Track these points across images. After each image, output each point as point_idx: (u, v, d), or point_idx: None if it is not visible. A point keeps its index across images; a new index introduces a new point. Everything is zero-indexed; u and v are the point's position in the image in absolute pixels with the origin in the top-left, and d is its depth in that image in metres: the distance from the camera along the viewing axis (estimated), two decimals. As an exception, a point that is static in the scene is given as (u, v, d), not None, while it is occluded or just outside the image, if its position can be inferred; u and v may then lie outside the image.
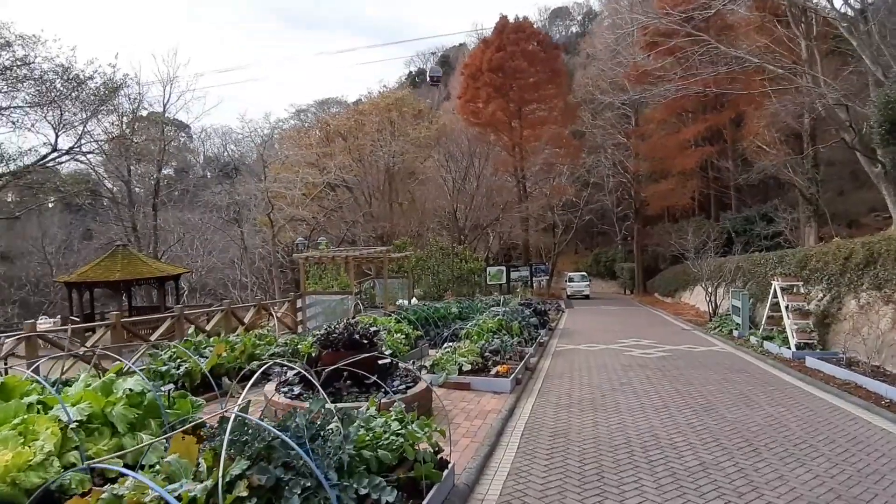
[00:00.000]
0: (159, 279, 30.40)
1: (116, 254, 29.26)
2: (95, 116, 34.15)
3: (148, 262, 30.44)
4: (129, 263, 29.06)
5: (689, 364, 11.89)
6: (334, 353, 7.44)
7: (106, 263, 28.88)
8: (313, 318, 15.55)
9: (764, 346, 13.45)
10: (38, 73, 29.71)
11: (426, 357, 11.50)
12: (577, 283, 41.55)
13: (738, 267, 20.36)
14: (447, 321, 15.35)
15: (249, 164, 45.37)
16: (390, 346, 10.74)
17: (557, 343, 15.58)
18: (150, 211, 38.06)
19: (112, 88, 32.96)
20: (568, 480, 5.48)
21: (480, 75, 37.93)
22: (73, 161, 36.15)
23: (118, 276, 28.03)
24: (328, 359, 7.45)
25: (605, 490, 5.24)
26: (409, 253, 21.27)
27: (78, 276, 28.78)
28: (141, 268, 29.16)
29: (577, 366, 11.85)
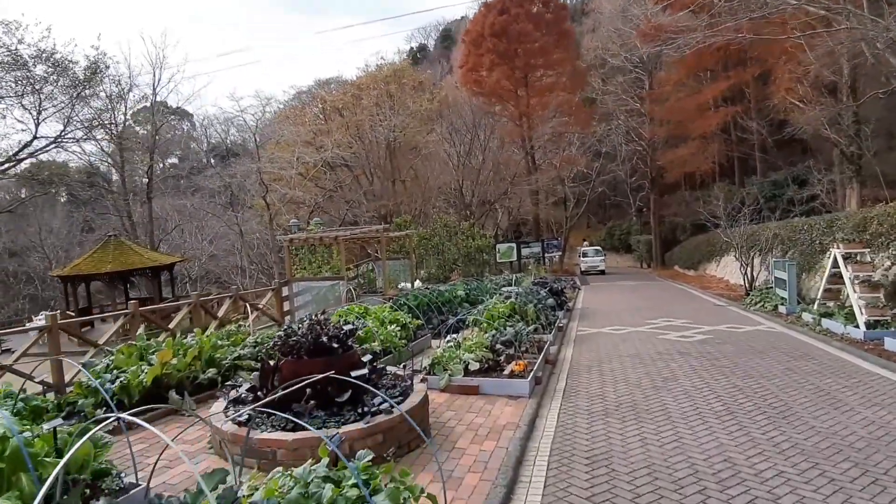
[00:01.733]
0: (153, 269, 29.03)
1: (108, 245, 27.94)
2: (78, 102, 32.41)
3: (140, 253, 29.02)
4: (121, 254, 27.73)
5: (739, 349, 10.02)
6: (295, 361, 5.65)
7: (98, 255, 27.62)
8: (303, 307, 13.83)
9: (822, 324, 11.53)
10: (18, 59, 27.95)
11: (428, 351, 9.74)
12: (592, 258, 39.62)
13: (776, 235, 18.35)
14: (453, 306, 13.55)
15: (251, 149, 43.59)
16: (383, 341, 8.97)
17: (578, 326, 13.74)
18: (146, 200, 36.47)
19: (93, 71, 31.11)
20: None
21: (483, 41, 35.61)
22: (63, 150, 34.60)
23: (109, 267, 26.78)
24: (288, 369, 5.67)
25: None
26: (411, 231, 19.42)
27: (70, 269, 27.57)
28: (133, 258, 27.79)
29: (604, 355, 10.01)
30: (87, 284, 29.08)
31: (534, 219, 41.65)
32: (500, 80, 36.07)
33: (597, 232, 56.58)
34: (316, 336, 5.60)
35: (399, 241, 19.65)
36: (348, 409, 5.29)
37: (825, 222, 15.53)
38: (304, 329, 5.79)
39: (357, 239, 15.96)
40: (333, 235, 13.72)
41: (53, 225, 46.50)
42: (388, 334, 9.12)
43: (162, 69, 41.64)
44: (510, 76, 36.24)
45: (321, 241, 13.80)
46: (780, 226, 18.52)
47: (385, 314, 10.10)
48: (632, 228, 51.13)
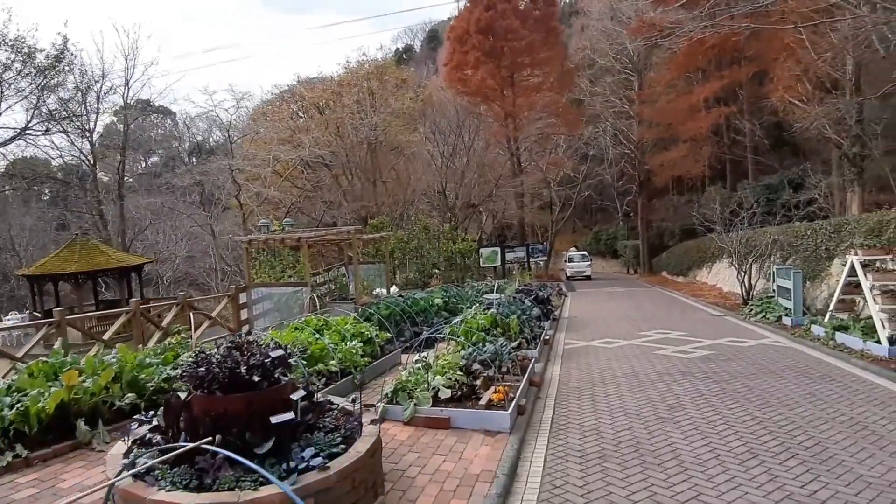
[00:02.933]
0: (120, 270, 27.58)
1: (75, 244, 26.62)
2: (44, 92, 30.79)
3: (108, 253, 27.56)
4: (88, 254, 26.35)
5: (748, 368, 8.87)
6: (206, 397, 4.35)
7: (64, 255, 26.25)
8: (263, 315, 12.51)
9: (836, 338, 10.43)
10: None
11: (397, 370, 8.47)
12: (578, 263, 38.59)
13: (775, 240, 17.31)
14: (429, 316, 12.29)
15: (231, 146, 41.93)
16: (342, 360, 7.69)
17: (566, 339, 12.54)
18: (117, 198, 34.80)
19: (56, 58, 29.51)
20: None
21: (468, 38, 34.41)
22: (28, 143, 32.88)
23: (75, 267, 25.44)
24: (199, 407, 4.38)
25: None
26: (387, 234, 18.12)
27: (36, 268, 26.21)
28: (99, 258, 26.39)
29: (597, 374, 8.81)
30: (54, 285, 27.60)
31: (519, 223, 40.50)
32: (485, 79, 34.87)
33: (583, 237, 55.66)
34: (233, 365, 4.31)
35: (375, 244, 18.37)
36: (271, 463, 4.02)
37: (832, 227, 14.50)
38: (220, 355, 4.51)
39: (327, 241, 14.69)
40: (296, 237, 12.40)
41: (27, 223, 44.70)
42: (347, 352, 7.84)
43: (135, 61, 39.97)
44: (496, 74, 35.07)
45: (283, 243, 12.49)
46: (780, 231, 17.49)
47: (347, 327, 8.81)
48: (619, 233, 50.25)
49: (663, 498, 4.41)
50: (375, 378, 8.44)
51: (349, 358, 7.83)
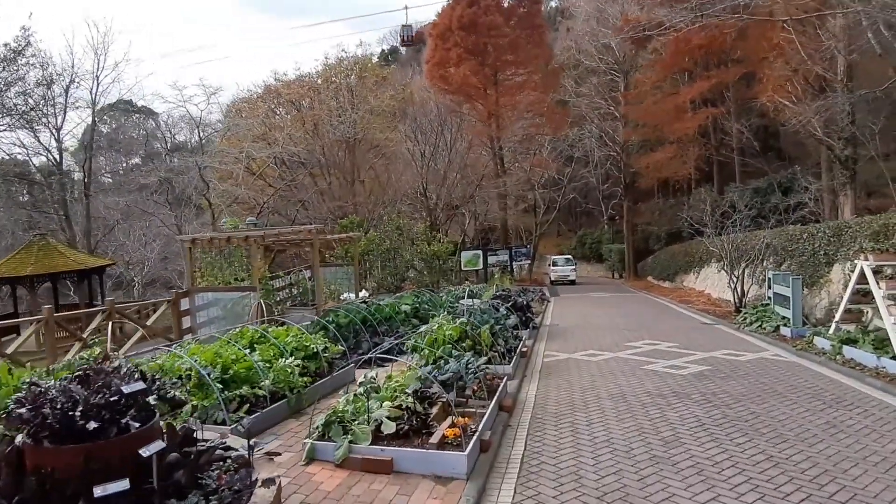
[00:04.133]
0: (79, 273, 25.97)
1: (32, 245, 24.91)
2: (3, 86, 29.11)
3: (66, 254, 25.90)
4: (46, 256, 24.67)
5: (751, 388, 7.75)
6: (34, 448, 3.11)
7: (19, 257, 24.56)
8: (210, 323, 11.21)
9: (844, 352, 9.36)
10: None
11: (349, 389, 7.21)
12: (562, 268, 37.53)
13: (768, 244, 16.31)
14: (394, 324, 11.05)
15: (208, 146, 40.26)
16: (276, 381, 6.44)
17: (546, 350, 11.36)
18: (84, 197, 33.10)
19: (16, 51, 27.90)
20: None
21: (450, 35, 33.24)
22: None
23: (30, 269, 23.71)
24: (31, 460, 3.13)
25: None
26: (357, 234, 16.85)
27: (-12, 271, 24.49)
28: (57, 260, 24.72)
29: (578, 395, 7.63)
30: (12, 288, 25.92)
31: (502, 225, 39.37)
32: (467, 76, 33.69)
33: (567, 240, 54.72)
34: (65, 407, 3.06)
35: (344, 245, 17.11)
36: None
37: (831, 230, 13.49)
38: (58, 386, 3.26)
39: (286, 241, 13.40)
40: (243, 236, 11.12)
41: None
42: (281, 371, 6.58)
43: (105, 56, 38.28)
44: (478, 72, 33.93)
45: (229, 242, 11.21)
46: (774, 234, 16.49)
47: (288, 339, 7.55)
48: (603, 237, 49.34)
49: (664, 587, 3.22)
50: (323, 400, 7.20)
51: (283, 378, 6.57)
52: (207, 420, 5.84)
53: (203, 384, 5.71)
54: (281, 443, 5.59)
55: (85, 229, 33.07)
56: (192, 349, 6.66)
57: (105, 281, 34.57)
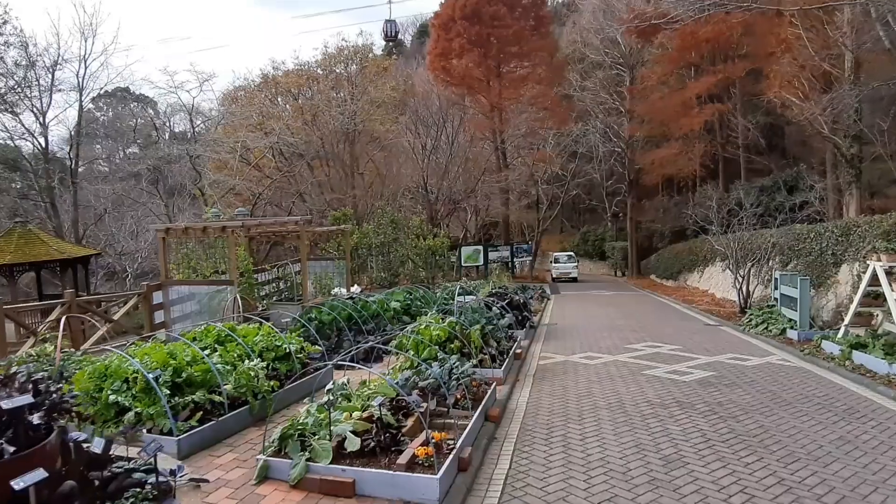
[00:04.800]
0: (61, 263, 25.41)
1: (13, 233, 24.27)
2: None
3: (48, 243, 25.29)
4: (26, 244, 24.05)
5: (758, 397, 7.19)
6: None
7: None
8: (185, 318, 10.67)
9: (853, 357, 8.81)
10: None
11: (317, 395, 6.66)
12: (564, 265, 36.93)
13: (774, 244, 15.72)
14: (382, 322, 10.50)
15: (208, 136, 39.51)
16: (238, 386, 5.90)
17: (542, 351, 10.80)
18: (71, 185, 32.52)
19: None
20: None
21: (453, 25, 32.57)
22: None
23: (9, 258, 23.13)
24: None
25: None
26: (347, 227, 16.24)
27: (-35, 260, 23.95)
28: (38, 249, 24.11)
29: (573, 404, 7.07)
30: (-6, 276, 25.37)
31: (503, 221, 38.73)
32: (470, 68, 33.00)
33: (570, 237, 54.01)
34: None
35: (336, 238, 16.54)
36: None
37: (839, 229, 12.89)
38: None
39: (270, 233, 12.84)
40: (219, 226, 10.55)
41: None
42: (244, 374, 6.03)
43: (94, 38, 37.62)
44: (481, 64, 33.23)
45: (204, 232, 10.63)
46: (780, 233, 15.88)
47: (257, 338, 7.01)
48: (607, 234, 48.66)
49: None
50: (294, 405, 6.67)
51: (246, 382, 6.02)
52: (153, 429, 5.32)
53: (151, 388, 5.16)
54: (235, 456, 5.05)
55: (73, 218, 32.50)
56: (146, 349, 6.11)
57: (97, 272, 34.10)
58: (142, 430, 5.44)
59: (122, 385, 5.73)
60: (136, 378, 5.31)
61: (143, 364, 5.82)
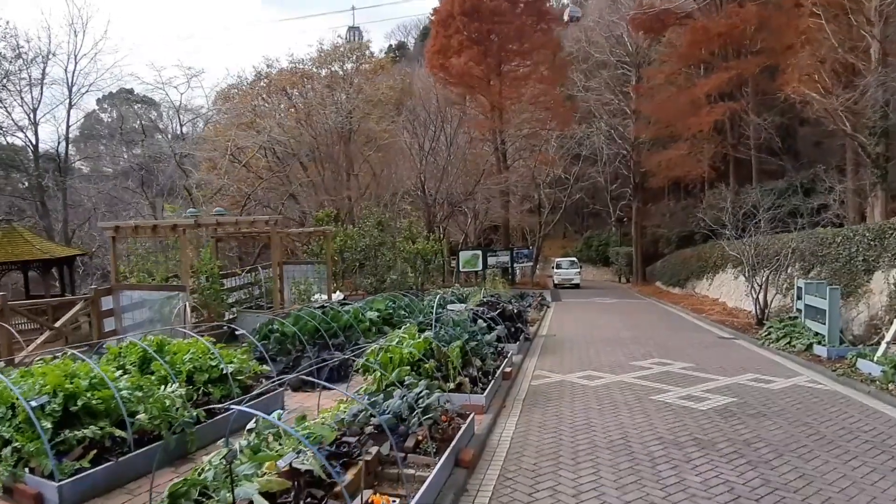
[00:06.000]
0: (45, 263, 24.37)
1: (-4, 232, 23.35)
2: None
3: (32, 242, 24.28)
4: (9, 244, 23.06)
5: (791, 431, 5.95)
6: None
7: (-20, 243, 23.04)
8: (138, 326, 9.50)
9: (899, 382, 7.56)
10: None
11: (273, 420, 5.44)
12: (566, 270, 35.61)
13: (794, 249, 14.45)
14: (355, 333, 9.27)
15: (180, 129, 38.35)
16: (152, 416, 4.71)
17: (536, 369, 9.56)
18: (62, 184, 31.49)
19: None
20: None
21: (452, 21, 31.39)
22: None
23: (-9, 257, 22.20)
24: None
25: None
26: (329, 229, 15.01)
27: (-53, 259, 23.01)
28: (21, 249, 23.09)
29: (567, 441, 5.82)
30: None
31: (504, 225, 37.48)
32: (469, 66, 31.76)
33: (573, 242, 52.69)
34: None
35: (319, 241, 15.34)
36: None
37: (871, 233, 11.63)
38: None
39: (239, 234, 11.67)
40: (170, 224, 9.35)
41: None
42: (157, 403, 4.83)
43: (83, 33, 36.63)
44: (481, 61, 32.02)
45: (154, 231, 9.45)
46: (800, 238, 14.62)
47: (186, 357, 5.81)
48: (611, 239, 47.30)
49: None
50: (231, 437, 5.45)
51: (160, 412, 4.82)
52: (37, 469, 4.19)
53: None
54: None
55: (63, 217, 31.52)
56: (45, 367, 4.93)
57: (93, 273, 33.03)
58: (24, 470, 4.33)
59: (6, 412, 4.62)
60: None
61: (31, 388, 4.67)
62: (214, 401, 5.74)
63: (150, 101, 50.64)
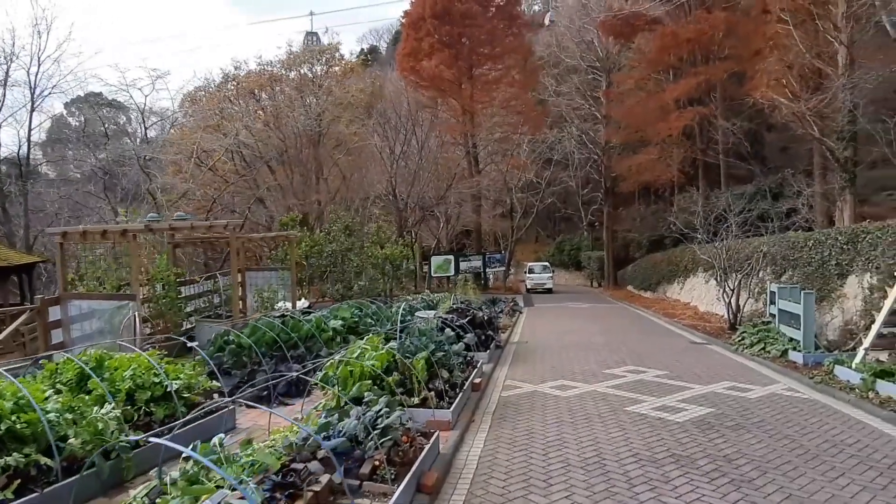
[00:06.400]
0: (2, 270, 23.27)
1: (-47, 238, 22.21)
2: None
3: (-13, 249, 23.27)
4: (-34, 250, 22.11)
5: (773, 446, 5.67)
6: None
7: (-63, 252, 21.92)
8: (87, 338, 8.87)
9: (877, 388, 7.41)
10: None
11: (228, 438, 4.92)
12: (539, 275, 35.46)
13: (765, 253, 14.39)
14: (316, 343, 8.78)
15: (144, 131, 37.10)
16: (85, 441, 4.21)
17: (507, 378, 9.19)
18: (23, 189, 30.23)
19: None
20: None
21: (423, 24, 31.02)
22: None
23: (-56, 265, 21.07)
24: None
25: None
26: (293, 233, 14.46)
27: None
28: (-24, 255, 22.12)
29: (538, 461, 5.43)
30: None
31: (476, 229, 37.19)
32: (440, 68, 31.46)
33: (546, 246, 52.74)
34: None
35: (283, 245, 14.78)
36: None
37: (844, 236, 11.56)
38: None
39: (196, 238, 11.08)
40: (119, 229, 8.74)
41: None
42: (89, 427, 4.32)
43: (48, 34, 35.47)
44: (452, 65, 31.72)
45: (104, 237, 8.85)
46: (771, 241, 14.58)
47: (127, 374, 5.28)
48: (583, 244, 47.46)
49: None
50: (172, 462, 4.93)
51: (93, 436, 4.32)
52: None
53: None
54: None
55: (24, 223, 30.26)
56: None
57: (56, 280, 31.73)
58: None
59: None
60: None
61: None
62: (157, 421, 5.23)
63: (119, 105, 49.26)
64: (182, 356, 7.58)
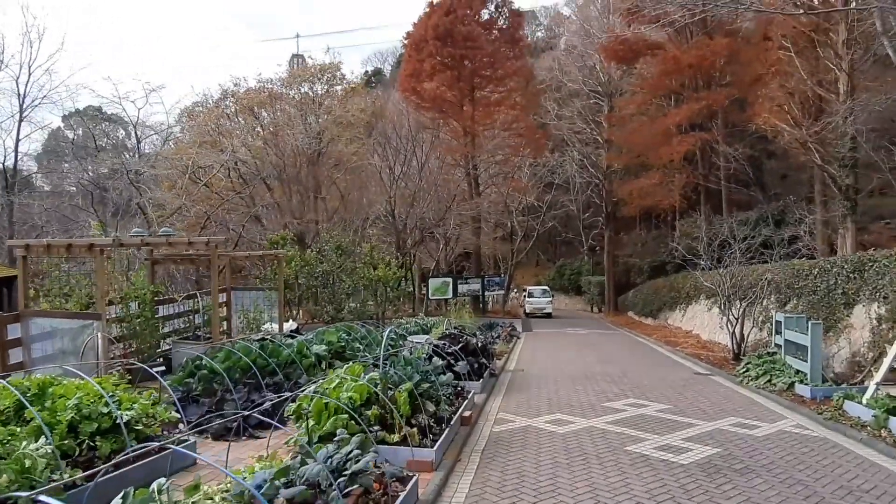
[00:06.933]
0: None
1: (-65, 251, 21.80)
2: None
3: (-29, 263, 22.87)
4: (-53, 263, 21.68)
5: (786, 495, 5.16)
6: None
7: (-83, 263, 21.49)
8: (50, 359, 8.37)
9: (890, 426, 6.92)
10: None
11: (184, 476, 4.40)
12: (538, 299, 34.97)
13: (770, 281, 13.93)
14: (295, 371, 8.26)
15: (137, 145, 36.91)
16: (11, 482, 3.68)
17: (500, 411, 8.66)
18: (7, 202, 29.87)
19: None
20: None
21: (425, 45, 30.96)
22: None
23: (-75, 278, 20.71)
24: None
25: None
26: (282, 252, 14.02)
27: None
28: (-43, 268, 21.75)
29: (530, 505, 4.92)
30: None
31: (475, 252, 36.76)
32: (441, 90, 31.35)
33: (546, 270, 52.23)
34: None
35: (273, 264, 14.32)
36: None
37: (850, 265, 11.13)
38: None
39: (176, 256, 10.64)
40: (86, 244, 8.28)
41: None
42: (14, 465, 3.82)
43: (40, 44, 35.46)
44: (454, 86, 31.60)
45: (69, 250, 8.39)
46: (775, 269, 14.12)
47: (71, 402, 4.79)
48: (583, 268, 46.99)
49: None
50: None
51: (18, 475, 3.81)
52: None
53: None
54: None
55: (9, 235, 29.82)
56: None
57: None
58: None
59: None
60: None
61: None
62: (101, 457, 4.71)
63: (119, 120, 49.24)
64: (150, 381, 7.08)
